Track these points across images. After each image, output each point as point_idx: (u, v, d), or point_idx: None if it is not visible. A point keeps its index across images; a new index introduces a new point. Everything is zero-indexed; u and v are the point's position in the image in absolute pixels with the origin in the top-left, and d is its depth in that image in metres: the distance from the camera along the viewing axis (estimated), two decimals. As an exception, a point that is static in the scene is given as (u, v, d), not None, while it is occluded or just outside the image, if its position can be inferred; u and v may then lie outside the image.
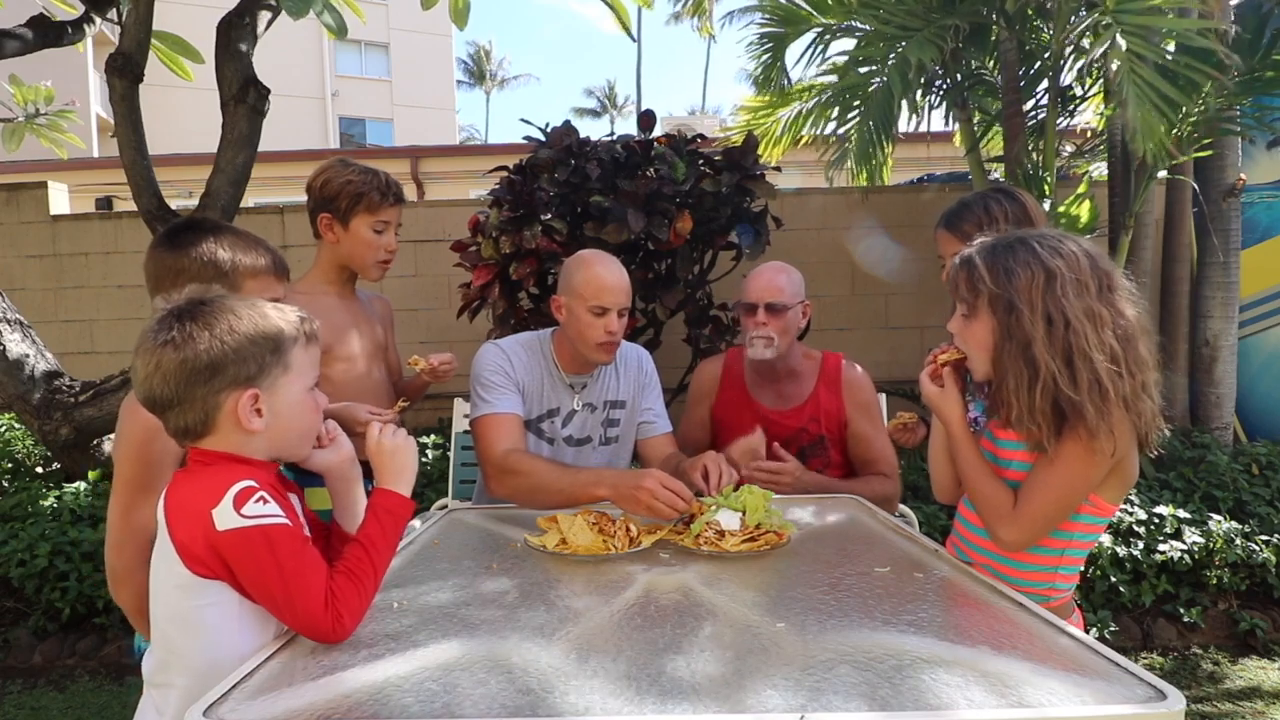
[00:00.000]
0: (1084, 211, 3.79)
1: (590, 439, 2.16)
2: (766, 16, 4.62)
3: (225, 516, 1.07)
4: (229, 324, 1.13)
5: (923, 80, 4.21)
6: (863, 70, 4.07)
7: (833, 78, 4.49)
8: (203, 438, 1.16)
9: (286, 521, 1.11)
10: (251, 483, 1.11)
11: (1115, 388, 1.29)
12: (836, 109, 4.40)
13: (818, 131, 4.86)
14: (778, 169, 4.04)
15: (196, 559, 1.09)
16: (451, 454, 3.03)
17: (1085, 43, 3.42)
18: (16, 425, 4.68)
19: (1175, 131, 3.79)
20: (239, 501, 1.08)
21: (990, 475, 1.46)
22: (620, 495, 1.70)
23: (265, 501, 1.10)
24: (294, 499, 1.26)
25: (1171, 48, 3.51)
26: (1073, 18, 3.43)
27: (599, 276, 1.98)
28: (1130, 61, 3.09)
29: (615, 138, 3.74)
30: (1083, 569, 3.17)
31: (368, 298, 2.21)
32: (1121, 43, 3.09)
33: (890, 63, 3.71)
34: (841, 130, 4.45)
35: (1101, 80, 4.16)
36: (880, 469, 2.27)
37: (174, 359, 1.11)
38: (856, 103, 4.18)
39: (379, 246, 2.05)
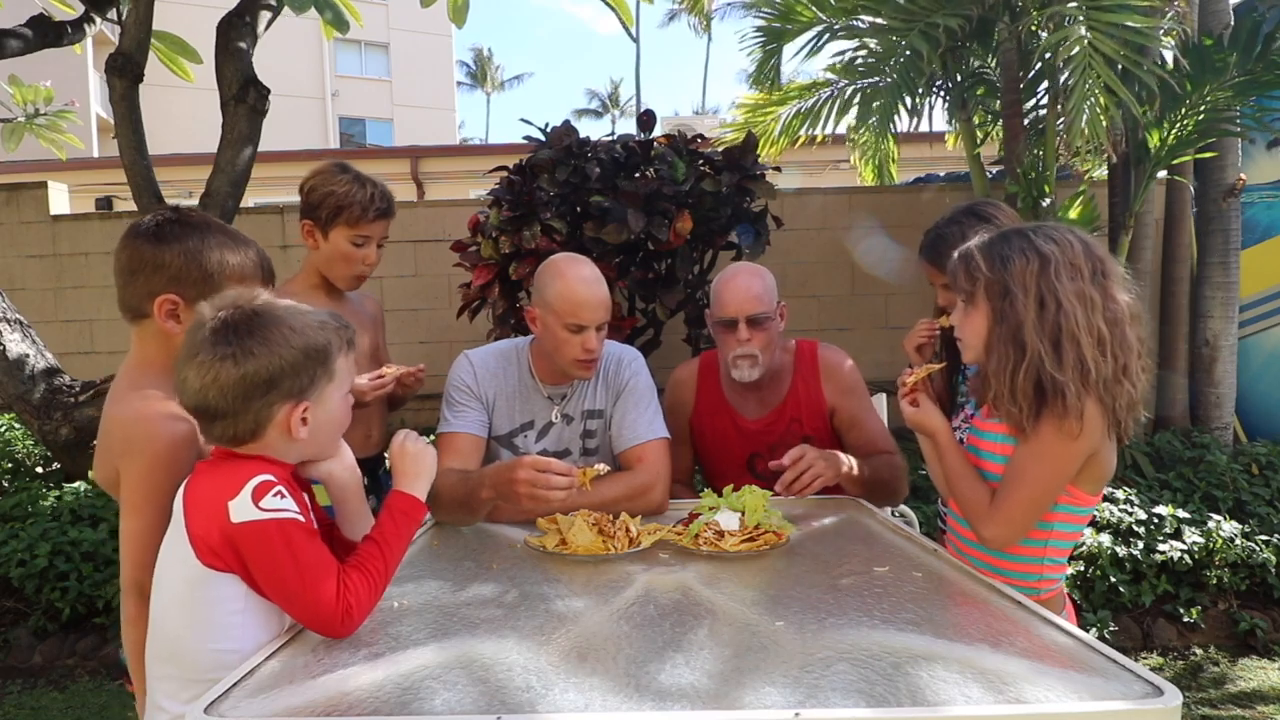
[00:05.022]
0: (1081, 211, 3.79)
1: (569, 451, 2.01)
2: (766, 13, 4.62)
3: (242, 509, 1.09)
4: (285, 338, 1.15)
5: (929, 72, 4.21)
6: (867, 50, 4.07)
7: (832, 76, 4.50)
8: (247, 444, 1.17)
9: (300, 517, 1.13)
10: (270, 477, 1.13)
11: (1097, 369, 1.32)
12: (849, 94, 4.35)
13: (829, 129, 4.86)
14: (778, 169, 4.05)
15: (210, 550, 1.10)
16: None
17: (1047, 30, 3.49)
18: (16, 425, 4.68)
19: (1174, 132, 3.81)
20: (257, 495, 1.10)
21: (973, 477, 1.48)
22: (501, 495, 1.60)
23: (283, 496, 1.12)
24: (305, 496, 1.26)
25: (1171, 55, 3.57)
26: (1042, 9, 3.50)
27: (575, 293, 1.79)
28: (1089, 53, 3.18)
29: (615, 138, 3.74)
30: (1082, 567, 3.21)
31: (358, 298, 2.17)
32: (1085, 33, 3.15)
33: (913, 32, 3.71)
34: (857, 120, 4.42)
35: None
36: (881, 448, 2.08)
37: (233, 374, 1.12)
38: (876, 83, 4.15)
39: (357, 260, 1.98)
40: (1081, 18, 3.25)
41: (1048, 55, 3.83)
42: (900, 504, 2.12)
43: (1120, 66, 3.35)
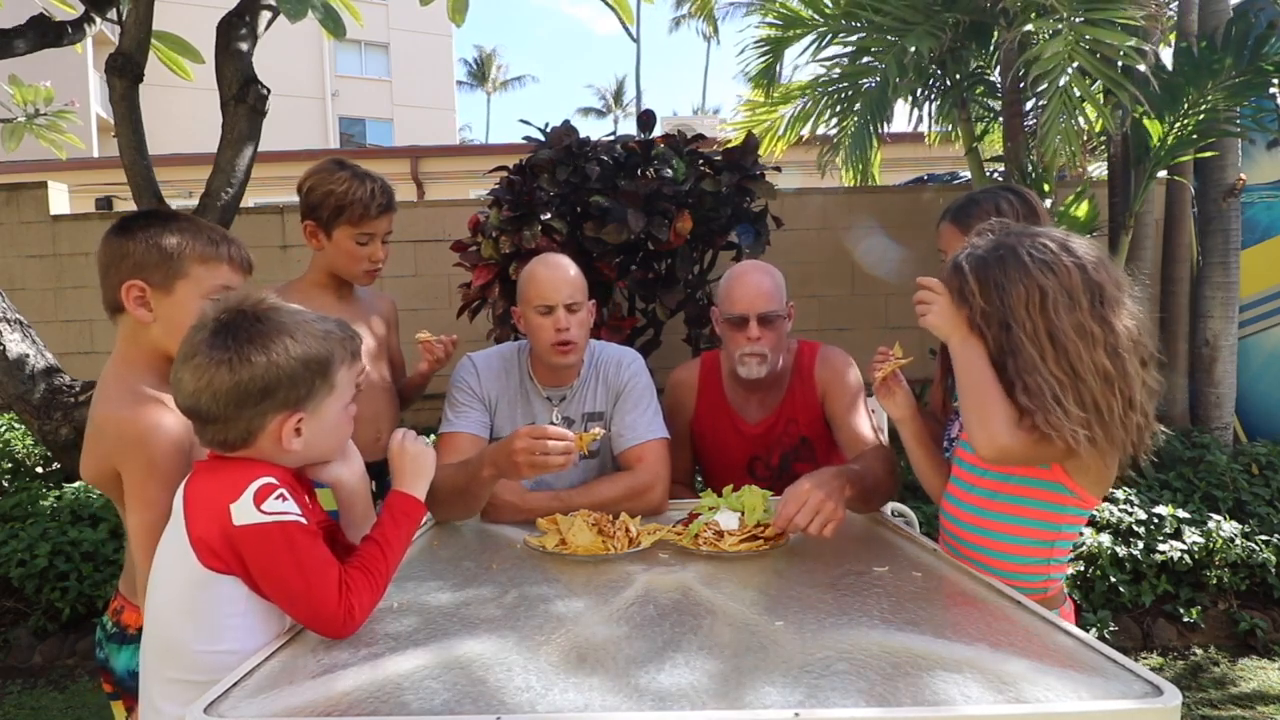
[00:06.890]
0: (1083, 211, 3.80)
1: None
2: (767, 19, 4.63)
3: (244, 511, 1.09)
4: (285, 346, 1.13)
5: (925, 73, 4.24)
6: (862, 61, 4.11)
7: (834, 73, 4.51)
8: (238, 450, 1.17)
9: (303, 519, 1.13)
10: (272, 479, 1.12)
11: (1110, 407, 1.27)
12: (835, 99, 4.43)
13: (818, 131, 4.87)
14: (778, 169, 4.05)
15: (211, 552, 1.10)
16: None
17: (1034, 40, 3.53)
18: (16, 425, 4.69)
19: (1174, 132, 3.81)
20: (259, 497, 1.10)
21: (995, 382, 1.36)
22: (502, 469, 1.60)
23: (284, 499, 1.12)
24: (305, 496, 1.26)
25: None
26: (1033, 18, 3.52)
27: (537, 275, 1.89)
28: (1065, 70, 3.21)
29: (615, 138, 3.74)
30: (1082, 567, 3.21)
31: (370, 296, 2.18)
32: (1061, 48, 3.21)
33: (888, 55, 3.75)
34: (836, 126, 4.48)
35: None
36: (864, 443, 1.96)
37: (228, 380, 1.11)
38: (851, 92, 4.21)
39: (363, 258, 1.98)
40: (1065, 26, 3.27)
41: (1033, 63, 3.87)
42: (893, 497, 2.05)
43: (1098, 80, 3.38)
